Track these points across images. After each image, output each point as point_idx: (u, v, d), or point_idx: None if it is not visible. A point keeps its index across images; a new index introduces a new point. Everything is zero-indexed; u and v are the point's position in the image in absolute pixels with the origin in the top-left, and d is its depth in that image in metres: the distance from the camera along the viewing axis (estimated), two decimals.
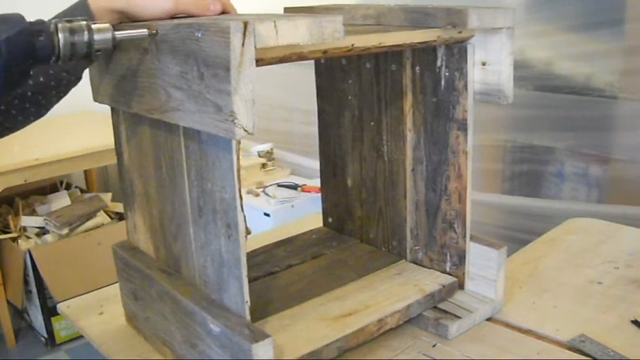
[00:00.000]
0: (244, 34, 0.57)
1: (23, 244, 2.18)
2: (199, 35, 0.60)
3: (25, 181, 2.06)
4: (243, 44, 0.57)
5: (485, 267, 0.87)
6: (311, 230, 1.09)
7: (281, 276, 0.92)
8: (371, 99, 0.94)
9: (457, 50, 0.81)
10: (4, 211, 2.41)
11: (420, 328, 0.85)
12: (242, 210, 0.67)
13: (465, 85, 0.81)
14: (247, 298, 0.69)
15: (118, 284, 0.91)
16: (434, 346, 0.80)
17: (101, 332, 0.85)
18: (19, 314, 2.37)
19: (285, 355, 0.72)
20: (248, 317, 0.69)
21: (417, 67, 0.86)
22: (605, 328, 0.83)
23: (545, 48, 1.89)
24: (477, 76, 0.81)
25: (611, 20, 1.76)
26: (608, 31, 1.77)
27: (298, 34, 0.60)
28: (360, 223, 1.03)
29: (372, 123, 0.95)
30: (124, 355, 0.80)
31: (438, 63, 0.83)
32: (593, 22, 1.79)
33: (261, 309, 0.81)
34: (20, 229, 2.26)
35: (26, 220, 2.27)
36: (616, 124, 1.84)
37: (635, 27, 1.75)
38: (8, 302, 2.22)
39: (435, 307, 0.86)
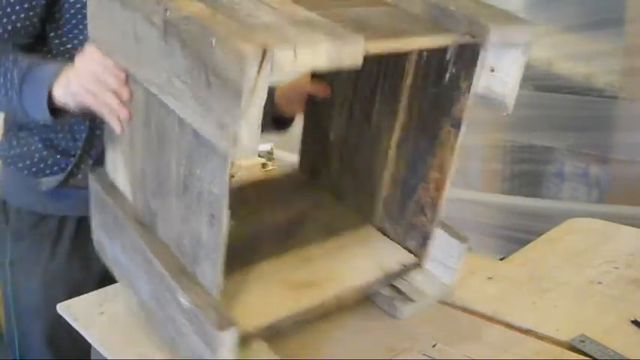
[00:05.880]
0: (261, 63, 0.54)
1: None
2: (213, 43, 0.57)
3: None
4: (259, 72, 0.54)
5: (447, 254, 0.88)
6: (285, 172, 1.07)
7: (248, 224, 0.91)
8: (370, 65, 0.90)
9: (469, 52, 0.79)
10: None
11: (374, 303, 0.87)
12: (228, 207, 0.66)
13: (469, 87, 0.80)
14: (221, 282, 0.69)
15: (118, 284, 0.91)
16: (434, 346, 0.80)
17: (101, 332, 0.85)
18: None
19: (243, 326, 0.72)
20: (217, 298, 0.70)
21: (425, 52, 0.84)
22: (605, 328, 0.83)
23: (545, 48, 1.89)
24: (482, 80, 0.80)
25: (611, 20, 1.77)
26: (608, 31, 1.77)
27: (317, 60, 0.58)
28: (336, 177, 1.01)
29: (367, 88, 0.93)
30: (124, 355, 0.79)
31: (447, 57, 0.82)
32: (593, 22, 1.79)
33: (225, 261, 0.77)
34: None
35: None
36: (616, 124, 1.84)
37: (635, 27, 1.75)
38: None
39: (392, 285, 0.88)
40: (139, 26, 0.68)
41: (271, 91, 0.74)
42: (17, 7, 0.89)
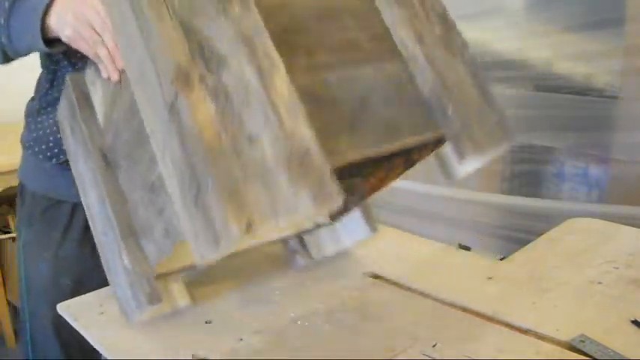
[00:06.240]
0: (244, 235, 0.55)
1: None
2: (209, 187, 0.57)
3: None
4: (239, 240, 0.56)
5: (356, 228, 0.97)
6: None
7: None
8: None
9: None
10: (4, 211, 2.40)
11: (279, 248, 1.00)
12: None
13: (433, 150, 0.79)
14: (154, 267, 0.78)
15: None
16: (434, 346, 0.80)
17: (101, 332, 0.85)
18: (19, 314, 2.37)
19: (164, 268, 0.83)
20: (154, 269, 0.79)
21: None
22: (605, 328, 0.83)
23: (545, 48, 1.89)
24: (445, 152, 0.78)
25: (611, 20, 1.76)
26: (608, 31, 1.77)
27: (293, 223, 0.62)
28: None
29: None
30: (125, 355, 0.80)
31: None
32: (593, 22, 1.79)
33: None
34: None
35: None
36: (616, 124, 1.84)
37: (635, 27, 1.75)
38: (8, 302, 2.21)
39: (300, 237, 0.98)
40: (147, 68, 0.64)
41: None
42: None
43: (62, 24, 0.79)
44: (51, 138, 1.02)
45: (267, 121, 0.59)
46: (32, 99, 1.08)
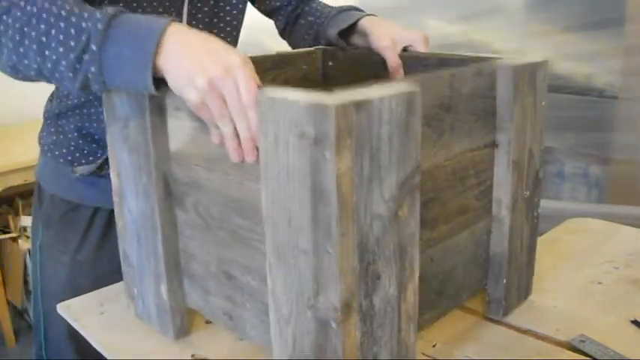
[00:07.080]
0: None
1: (23, 244, 2.18)
2: None
3: (25, 181, 2.06)
4: None
5: None
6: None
7: None
8: None
9: None
10: (4, 211, 2.41)
11: None
12: None
13: None
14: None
15: (118, 284, 0.91)
16: (434, 346, 0.80)
17: (101, 332, 0.85)
18: (19, 314, 2.37)
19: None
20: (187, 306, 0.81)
21: None
22: (605, 328, 0.83)
23: (545, 48, 1.89)
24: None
25: (611, 20, 1.77)
26: (608, 31, 1.77)
27: None
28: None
29: None
30: (126, 355, 0.80)
31: None
32: (593, 22, 1.79)
33: None
34: (20, 229, 2.26)
35: (26, 220, 2.27)
36: (616, 124, 1.84)
37: (635, 27, 1.75)
38: (8, 302, 2.22)
39: None
40: (305, 270, 0.57)
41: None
42: None
43: (187, 84, 0.62)
44: (72, 143, 1.00)
45: (391, 337, 0.61)
46: (50, 100, 1.04)
